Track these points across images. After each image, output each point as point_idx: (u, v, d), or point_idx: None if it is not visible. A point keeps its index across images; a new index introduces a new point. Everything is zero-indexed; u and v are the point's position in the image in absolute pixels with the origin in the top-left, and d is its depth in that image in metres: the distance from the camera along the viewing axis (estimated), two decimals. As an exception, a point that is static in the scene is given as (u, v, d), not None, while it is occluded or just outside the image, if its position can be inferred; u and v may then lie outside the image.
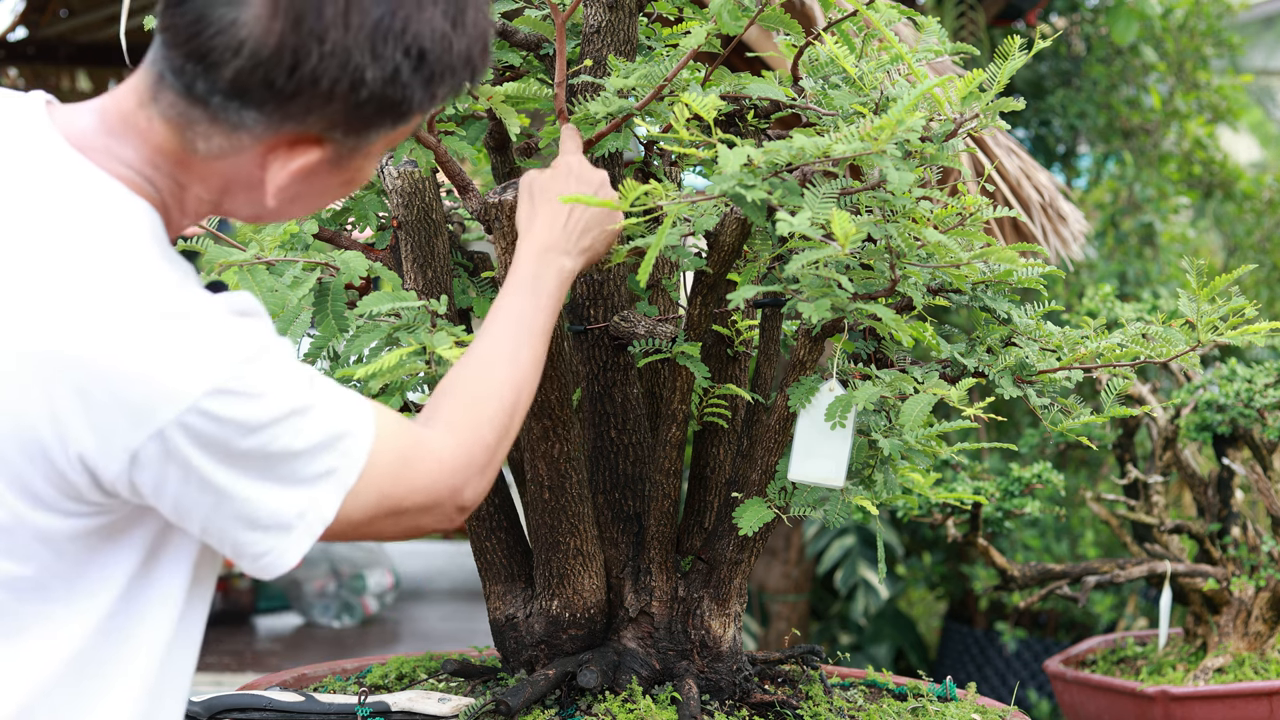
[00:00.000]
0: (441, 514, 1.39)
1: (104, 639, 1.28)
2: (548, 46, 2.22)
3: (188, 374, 1.20)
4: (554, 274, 1.64)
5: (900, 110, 1.71)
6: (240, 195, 1.34)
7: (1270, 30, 11.71)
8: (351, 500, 1.30)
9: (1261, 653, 3.27)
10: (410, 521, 1.38)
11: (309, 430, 1.26)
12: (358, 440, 1.30)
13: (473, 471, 1.41)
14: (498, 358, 1.50)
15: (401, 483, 1.34)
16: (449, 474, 1.39)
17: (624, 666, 2.22)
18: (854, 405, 1.92)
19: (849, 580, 5.53)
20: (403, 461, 1.34)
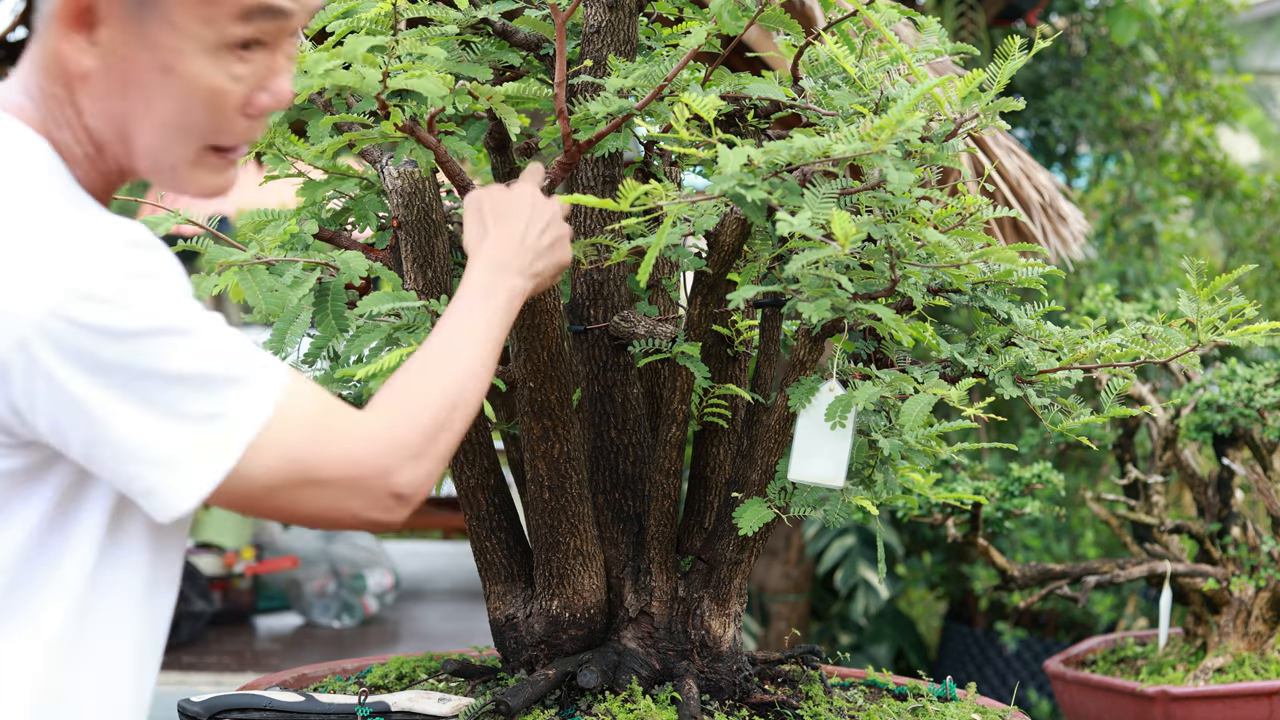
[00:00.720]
0: (371, 497, 1.33)
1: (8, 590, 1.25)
2: (548, 46, 2.22)
3: (52, 278, 1.16)
4: (505, 290, 1.60)
5: (900, 110, 1.71)
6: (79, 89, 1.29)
7: (1270, 30, 11.71)
8: (255, 457, 1.25)
9: (1261, 653, 3.27)
10: (335, 499, 1.31)
11: (186, 357, 1.22)
12: (257, 391, 1.26)
13: (403, 455, 1.35)
14: (442, 354, 1.47)
15: (316, 450, 1.29)
16: (374, 451, 1.33)
17: (624, 666, 2.22)
18: (854, 405, 1.92)
19: (849, 580, 5.53)
20: (318, 427, 1.29)
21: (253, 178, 10.63)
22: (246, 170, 10.20)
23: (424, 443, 1.38)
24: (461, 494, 2.29)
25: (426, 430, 1.38)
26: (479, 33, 2.21)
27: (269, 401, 1.26)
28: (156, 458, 1.22)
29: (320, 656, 5.63)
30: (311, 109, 2.11)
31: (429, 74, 1.81)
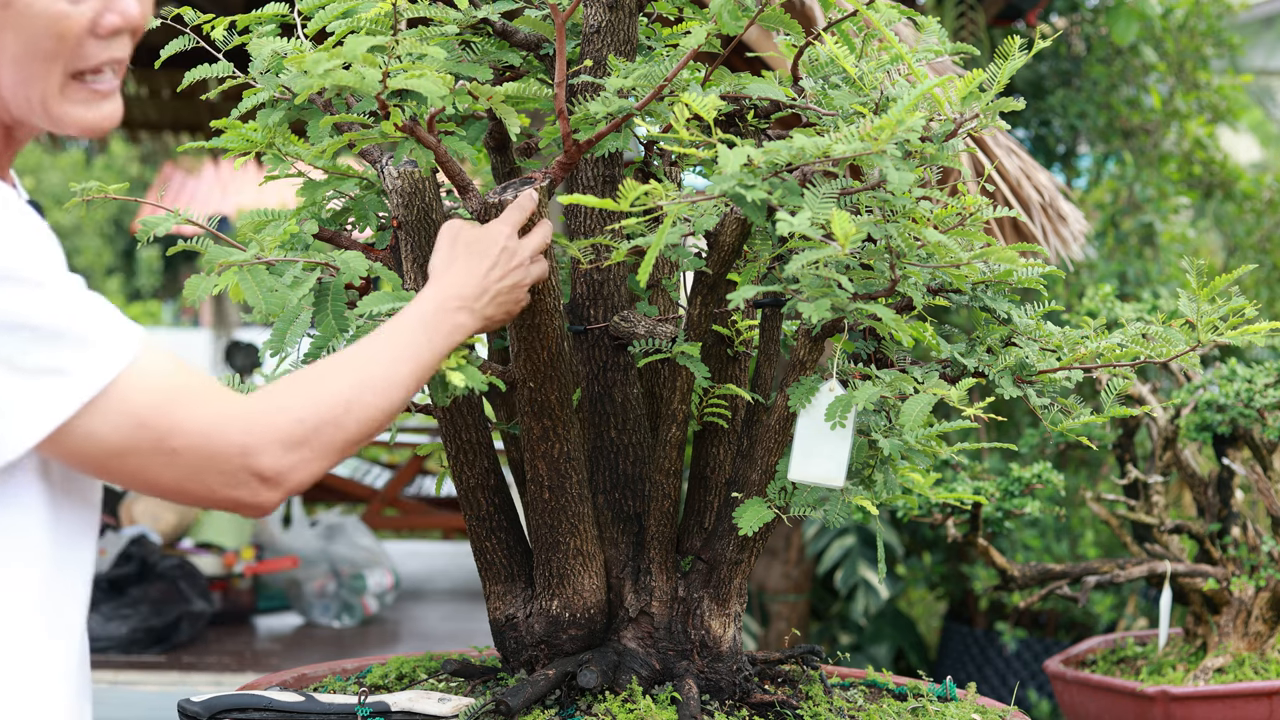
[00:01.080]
0: (228, 474, 1.33)
1: None
2: (548, 46, 2.22)
3: None
4: (450, 324, 1.62)
5: (900, 110, 1.71)
6: None
7: (1270, 30, 11.71)
8: (97, 417, 1.26)
9: (1261, 653, 3.27)
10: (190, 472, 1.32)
11: (30, 308, 1.22)
12: (102, 353, 1.26)
13: (272, 438, 1.35)
14: (353, 358, 1.48)
15: (166, 417, 1.29)
16: (236, 429, 1.33)
17: (624, 666, 2.22)
18: (854, 405, 1.92)
19: (849, 580, 5.53)
20: (171, 396, 1.30)
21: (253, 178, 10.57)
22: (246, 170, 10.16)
23: (300, 431, 1.38)
24: (461, 494, 2.29)
25: (304, 421, 1.38)
26: (479, 33, 2.21)
27: (114, 364, 1.27)
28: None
29: (320, 656, 5.63)
30: (311, 109, 2.11)
31: (429, 74, 1.81)
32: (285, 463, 1.37)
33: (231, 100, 2.37)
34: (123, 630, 5.42)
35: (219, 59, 2.12)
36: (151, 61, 2.18)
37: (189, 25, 2.10)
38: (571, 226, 2.30)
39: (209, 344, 13.72)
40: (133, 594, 5.55)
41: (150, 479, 1.32)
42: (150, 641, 5.54)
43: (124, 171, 20.43)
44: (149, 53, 2.11)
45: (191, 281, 1.93)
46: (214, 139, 2.17)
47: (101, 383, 1.26)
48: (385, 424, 1.51)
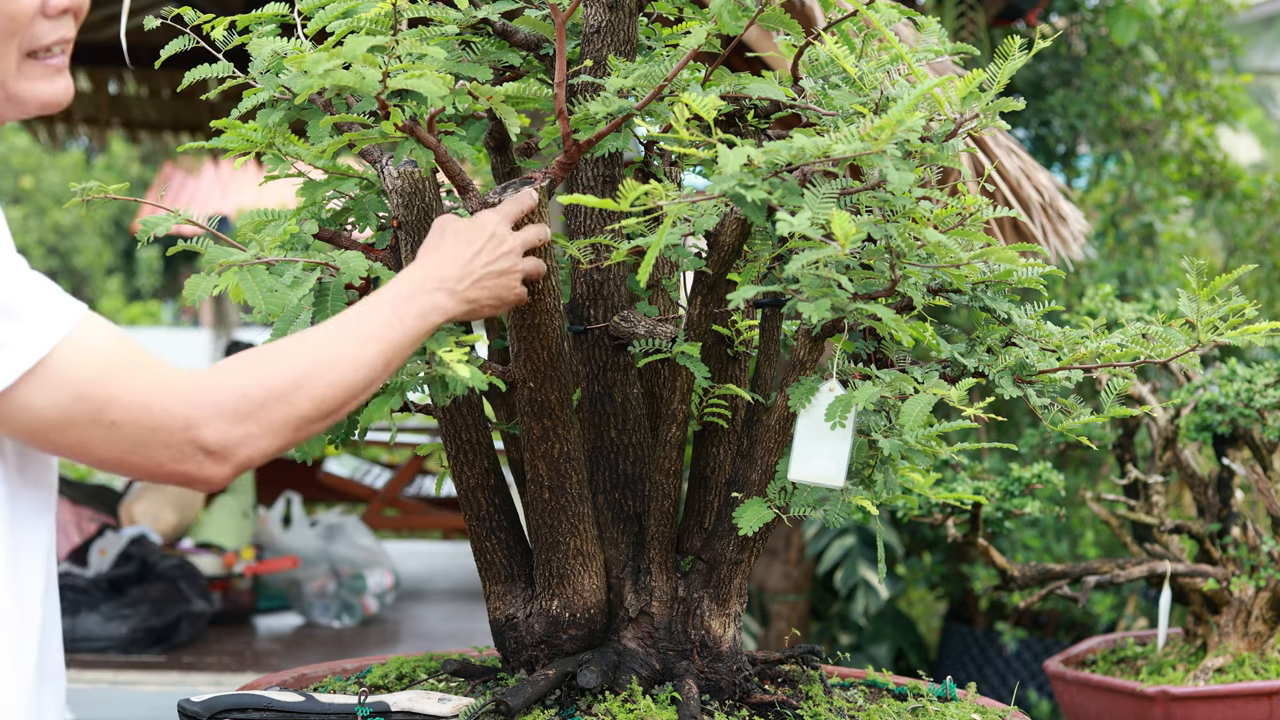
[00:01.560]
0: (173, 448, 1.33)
1: None
2: (548, 46, 2.22)
3: None
4: (425, 305, 1.60)
5: (900, 110, 1.71)
6: None
7: (1270, 30, 11.71)
8: (34, 389, 1.27)
9: (1261, 653, 3.27)
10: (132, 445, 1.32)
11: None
12: (36, 325, 1.27)
13: (217, 412, 1.35)
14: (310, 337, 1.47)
15: (104, 389, 1.30)
16: (179, 401, 1.33)
17: (624, 666, 2.22)
18: (854, 405, 1.92)
19: (849, 580, 5.53)
20: (110, 369, 1.31)
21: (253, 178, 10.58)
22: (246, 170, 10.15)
23: (246, 406, 1.37)
24: (461, 494, 2.29)
25: (251, 395, 1.38)
26: (479, 33, 2.21)
27: (48, 337, 1.27)
28: None
29: (320, 656, 5.63)
30: (311, 109, 2.11)
31: (429, 74, 1.81)
32: (232, 436, 1.36)
33: (231, 100, 2.37)
34: (123, 630, 5.42)
35: (219, 59, 2.12)
36: (151, 61, 2.18)
37: (189, 25, 2.10)
38: (571, 226, 2.30)
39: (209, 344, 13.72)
40: (133, 594, 5.55)
41: (91, 452, 1.32)
42: (150, 641, 5.54)
43: (124, 171, 20.43)
44: (149, 53, 2.11)
45: (191, 281, 1.93)
46: (214, 139, 2.17)
47: (36, 355, 1.27)
48: (348, 402, 1.49)
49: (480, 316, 1.76)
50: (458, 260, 1.69)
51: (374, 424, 1.94)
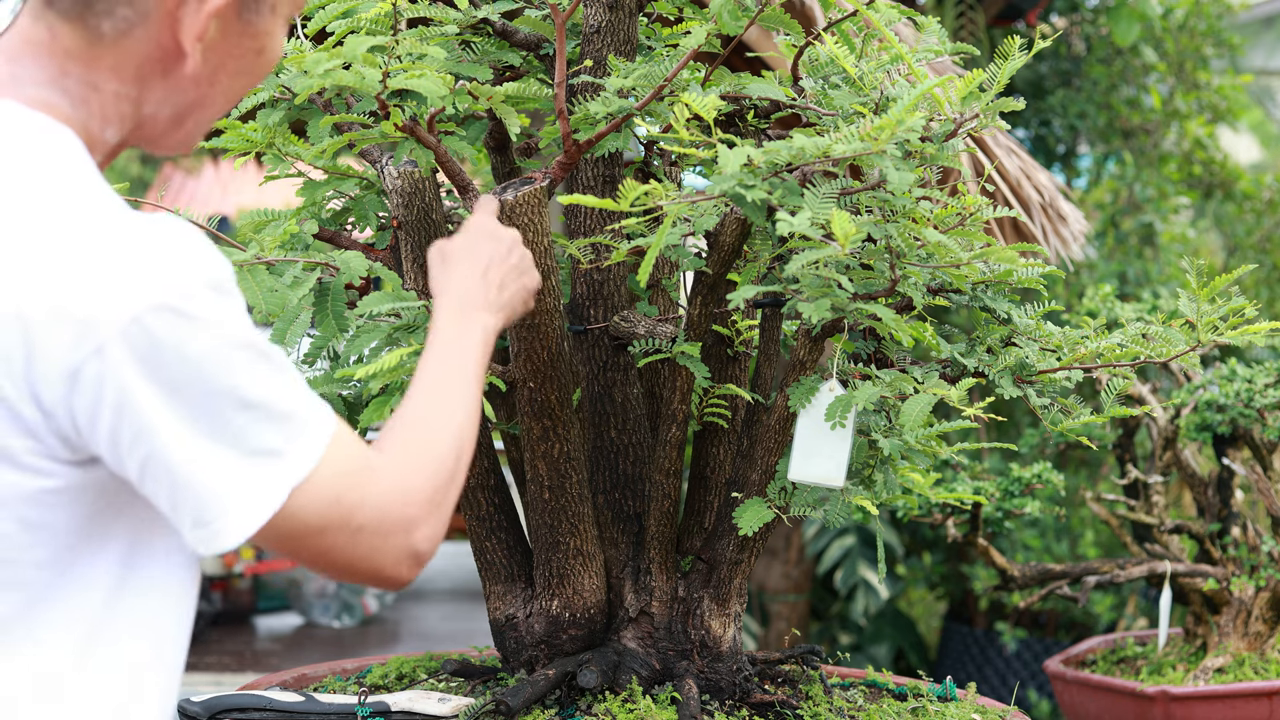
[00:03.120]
0: (396, 548, 1.30)
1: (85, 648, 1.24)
2: (548, 46, 2.22)
3: (134, 286, 1.14)
4: (477, 332, 1.57)
5: (900, 110, 1.71)
6: (157, 82, 1.29)
7: (1270, 30, 11.71)
8: (304, 498, 1.22)
9: (1261, 653, 3.27)
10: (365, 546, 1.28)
11: (258, 381, 1.19)
12: (314, 431, 1.23)
13: (426, 507, 1.33)
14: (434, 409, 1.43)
15: (355, 491, 1.26)
16: (403, 499, 1.30)
17: (624, 666, 2.22)
18: (854, 405, 1.92)
19: (849, 580, 5.53)
20: (358, 469, 1.27)
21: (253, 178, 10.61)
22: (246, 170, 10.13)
23: (440, 498, 1.35)
24: (462, 494, 2.29)
25: (441, 486, 1.36)
26: (479, 33, 2.22)
27: (322, 443, 1.24)
28: (214, 492, 1.19)
29: (320, 656, 5.63)
30: (311, 109, 2.11)
31: (429, 74, 1.81)
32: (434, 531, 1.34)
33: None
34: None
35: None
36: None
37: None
38: (571, 226, 2.30)
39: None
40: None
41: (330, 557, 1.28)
42: (150, 641, 5.53)
43: (124, 171, 20.43)
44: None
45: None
46: (214, 139, 2.17)
47: (314, 463, 1.23)
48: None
49: (517, 317, 1.73)
50: (475, 276, 1.66)
51: (374, 424, 1.94)
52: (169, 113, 1.32)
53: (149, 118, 1.31)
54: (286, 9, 1.34)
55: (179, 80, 1.30)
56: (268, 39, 1.33)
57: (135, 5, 1.25)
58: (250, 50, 1.32)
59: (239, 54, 1.32)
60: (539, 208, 1.98)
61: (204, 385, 1.17)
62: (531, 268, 1.73)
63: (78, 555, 1.23)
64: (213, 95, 1.33)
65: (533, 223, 1.98)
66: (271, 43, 1.34)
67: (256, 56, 1.34)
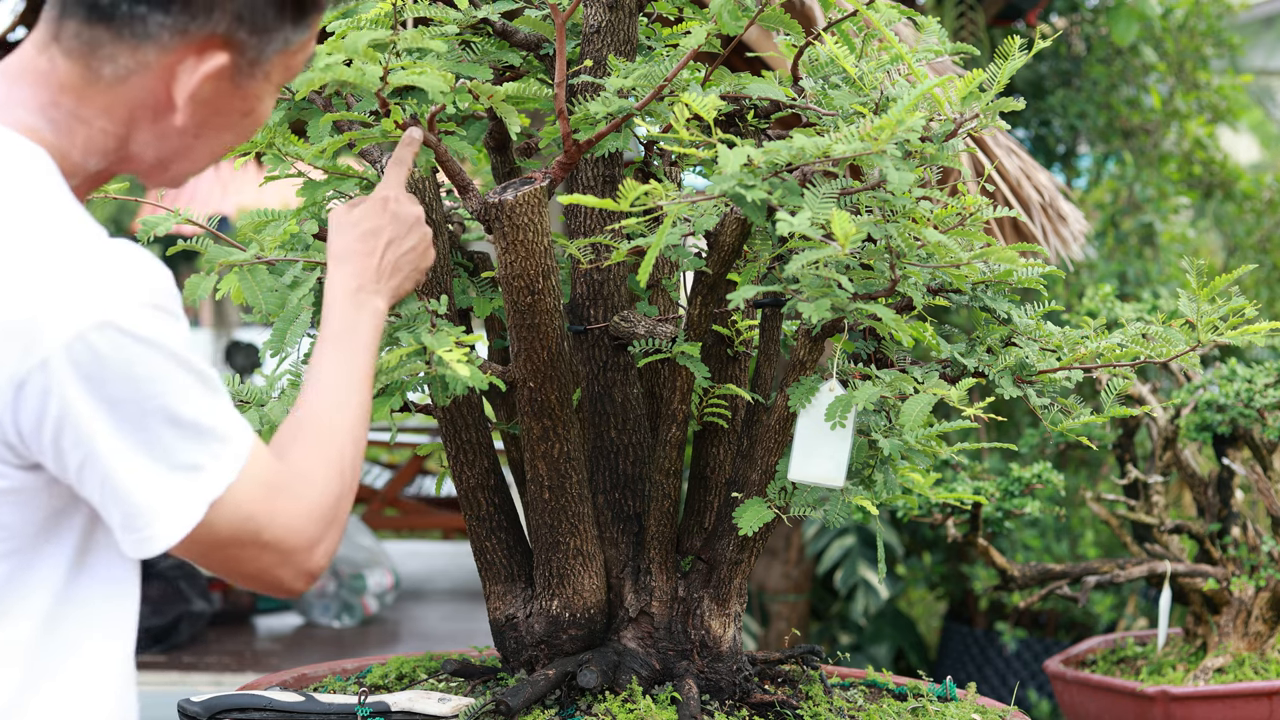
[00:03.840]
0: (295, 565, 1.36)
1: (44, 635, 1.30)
2: (548, 46, 2.22)
3: (81, 302, 1.20)
4: (369, 317, 1.60)
5: (900, 110, 1.71)
6: (145, 126, 1.34)
7: (1270, 30, 11.71)
8: (219, 512, 1.28)
9: (1261, 653, 3.27)
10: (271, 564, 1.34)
11: (189, 401, 1.25)
12: (233, 448, 1.29)
13: (326, 525, 1.38)
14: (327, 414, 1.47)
15: (265, 509, 1.32)
16: (306, 520, 1.36)
17: (624, 666, 2.22)
18: (854, 405, 1.92)
19: (849, 580, 5.53)
20: (269, 487, 1.33)
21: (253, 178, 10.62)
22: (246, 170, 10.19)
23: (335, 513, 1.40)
24: (461, 494, 2.29)
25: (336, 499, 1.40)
26: (479, 33, 2.22)
27: (240, 461, 1.30)
28: (143, 502, 1.25)
29: (320, 656, 5.63)
30: (311, 108, 2.11)
31: (430, 70, 1.81)
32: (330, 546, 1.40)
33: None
34: (123, 630, 5.41)
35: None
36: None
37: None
38: (571, 226, 2.30)
39: (209, 344, 13.72)
40: (133, 594, 5.53)
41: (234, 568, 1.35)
42: (150, 641, 5.54)
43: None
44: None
45: (191, 281, 1.93)
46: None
47: (230, 479, 1.29)
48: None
49: (405, 296, 1.74)
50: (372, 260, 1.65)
51: (374, 424, 1.93)
52: (153, 156, 1.37)
53: (134, 155, 1.37)
54: (279, 76, 1.39)
55: (166, 129, 1.35)
56: (257, 102, 1.38)
57: (136, 56, 1.31)
58: (238, 111, 1.38)
59: (227, 113, 1.37)
60: (539, 208, 1.98)
61: (141, 402, 1.23)
62: (429, 249, 1.73)
63: (37, 551, 1.29)
64: (196, 147, 1.38)
65: (533, 223, 1.98)
66: (260, 105, 1.39)
67: (244, 117, 1.39)
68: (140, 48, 1.30)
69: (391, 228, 1.68)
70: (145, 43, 1.30)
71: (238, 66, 1.34)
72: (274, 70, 1.37)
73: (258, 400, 2.11)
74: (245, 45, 1.33)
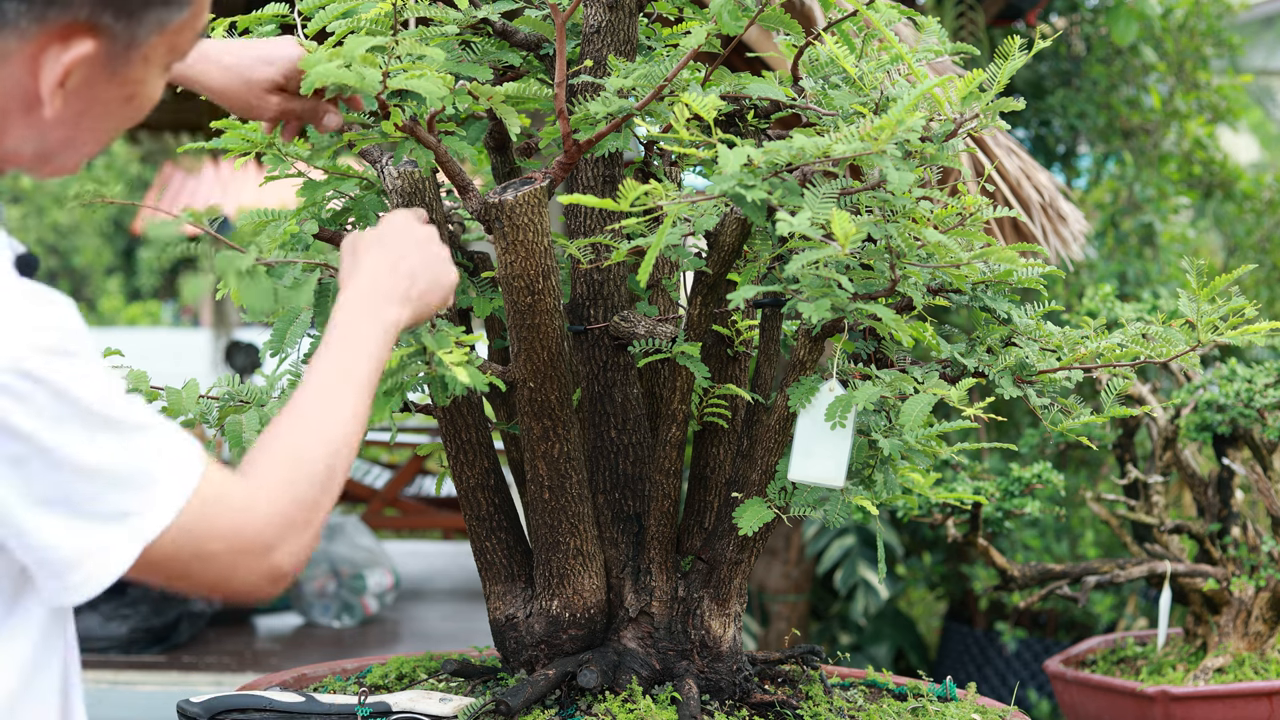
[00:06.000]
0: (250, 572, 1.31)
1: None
2: (548, 46, 2.22)
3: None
4: (376, 323, 1.52)
5: (900, 110, 1.71)
6: (18, 120, 1.27)
7: (1270, 30, 11.71)
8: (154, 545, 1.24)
9: (1261, 653, 3.27)
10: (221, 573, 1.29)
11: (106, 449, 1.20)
12: (166, 487, 1.23)
13: (284, 530, 1.33)
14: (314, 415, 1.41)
15: (205, 523, 1.27)
16: (258, 526, 1.31)
17: (624, 666, 2.22)
18: (854, 405, 1.92)
19: (849, 580, 5.53)
20: (214, 500, 1.27)
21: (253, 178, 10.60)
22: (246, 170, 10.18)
23: (308, 514, 1.35)
24: (461, 494, 2.29)
25: (309, 502, 1.35)
26: (479, 33, 2.22)
27: (178, 498, 1.24)
28: (62, 555, 1.20)
29: (320, 656, 5.63)
30: (311, 109, 2.11)
31: (429, 74, 1.81)
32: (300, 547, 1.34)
33: (231, 100, 2.36)
34: (123, 630, 5.42)
35: (219, 59, 2.12)
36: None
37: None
38: (571, 226, 2.30)
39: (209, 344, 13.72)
40: (133, 594, 5.54)
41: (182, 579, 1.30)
42: (150, 641, 5.54)
43: (124, 171, 20.42)
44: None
45: (191, 282, 1.93)
46: (214, 139, 2.17)
47: (170, 518, 1.24)
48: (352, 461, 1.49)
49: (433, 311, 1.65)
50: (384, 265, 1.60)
51: (374, 424, 1.93)
52: (31, 150, 1.30)
53: (11, 153, 1.30)
54: (163, 57, 1.31)
55: (39, 122, 1.28)
56: (139, 86, 1.31)
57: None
58: (118, 98, 1.30)
59: (106, 100, 1.30)
60: (539, 208, 1.98)
61: (44, 459, 1.17)
62: (449, 264, 1.66)
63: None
64: (78, 136, 1.31)
65: (533, 223, 1.98)
66: (144, 89, 1.31)
67: (125, 103, 1.31)
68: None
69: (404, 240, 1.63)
70: (3, 30, 1.21)
71: (110, 52, 1.26)
72: (154, 52, 1.29)
73: (258, 400, 2.11)
74: (113, 30, 1.25)
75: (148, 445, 1.23)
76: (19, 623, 1.27)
